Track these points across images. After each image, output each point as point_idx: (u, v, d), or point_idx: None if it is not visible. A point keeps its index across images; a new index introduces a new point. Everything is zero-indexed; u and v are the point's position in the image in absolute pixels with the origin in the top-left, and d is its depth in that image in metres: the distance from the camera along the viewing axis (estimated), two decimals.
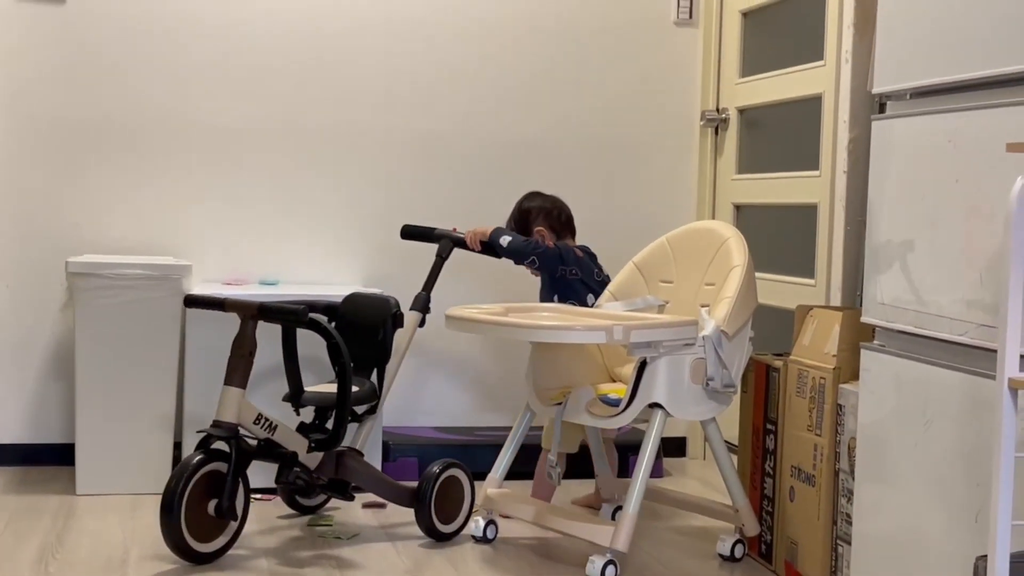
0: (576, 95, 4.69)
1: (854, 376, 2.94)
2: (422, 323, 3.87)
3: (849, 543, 2.88)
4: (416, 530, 3.50)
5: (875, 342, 2.76)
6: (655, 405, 3.15)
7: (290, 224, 4.48)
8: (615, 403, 3.28)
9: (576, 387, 3.34)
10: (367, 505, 3.84)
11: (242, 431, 3.22)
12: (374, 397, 3.60)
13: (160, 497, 3.10)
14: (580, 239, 4.18)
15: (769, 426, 3.32)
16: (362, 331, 3.62)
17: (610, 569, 3.04)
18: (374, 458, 3.98)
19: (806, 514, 3.12)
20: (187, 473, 3.10)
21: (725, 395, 3.25)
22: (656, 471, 4.35)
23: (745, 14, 4.58)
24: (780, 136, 4.39)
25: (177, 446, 4.00)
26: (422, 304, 3.86)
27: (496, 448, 3.53)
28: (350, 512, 3.74)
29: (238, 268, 4.40)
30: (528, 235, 3.86)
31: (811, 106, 3.99)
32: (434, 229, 4.01)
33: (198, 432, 3.22)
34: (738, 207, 4.59)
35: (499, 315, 3.20)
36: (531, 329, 3.09)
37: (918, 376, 2.55)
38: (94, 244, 4.29)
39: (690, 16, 4.75)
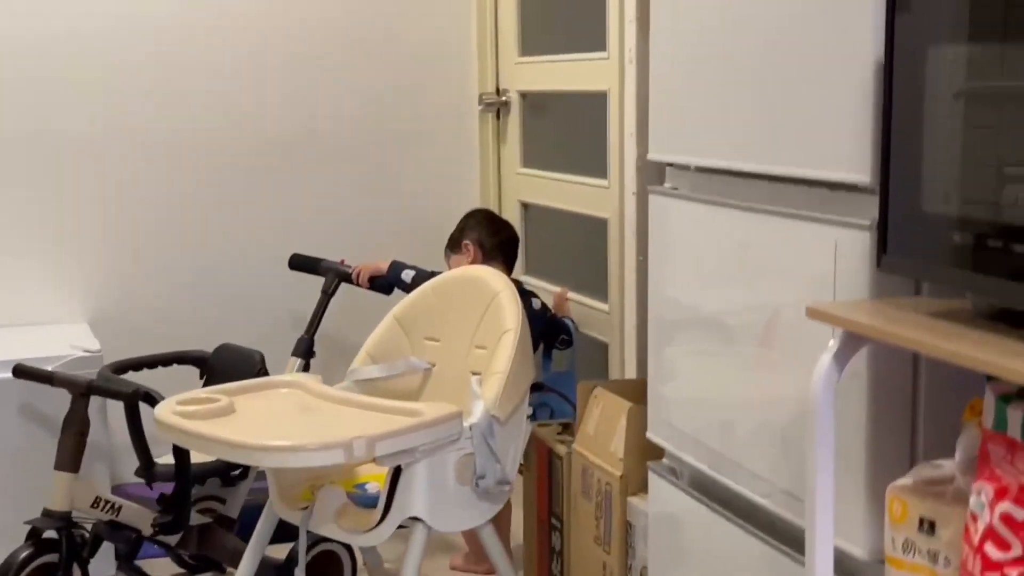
0: (338, 82, 4.03)
1: (644, 487, 2.44)
2: (306, 368, 3.50)
3: None
4: None
5: (664, 461, 2.26)
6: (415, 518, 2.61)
7: None
8: (372, 502, 2.73)
9: (325, 485, 2.78)
10: None
11: (78, 517, 3.00)
12: None
13: None
14: (351, 246, 3.80)
15: (555, 522, 2.81)
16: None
17: None
18: None
19: None
20: (13, 569, 2.91)
21: (499, 493, 2.72)
22: None
23: None
24: (568, 129, 3.84)
25: None
26: (304, 349, 3.50)
27: None
28: None
29: None
30: (458, 247, 3.44)
31: (597, 102, 3.43)
32: (321, 260, 3.61)
33: (25, 523, 2.96)
34: (525, 205, 4.04)
35: (214, 416, 2.60)
36: (251, 451, 2.49)
37: (714, 529, 2.06)
38: None
39: None
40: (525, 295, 3.33)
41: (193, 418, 2.61)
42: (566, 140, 3.84)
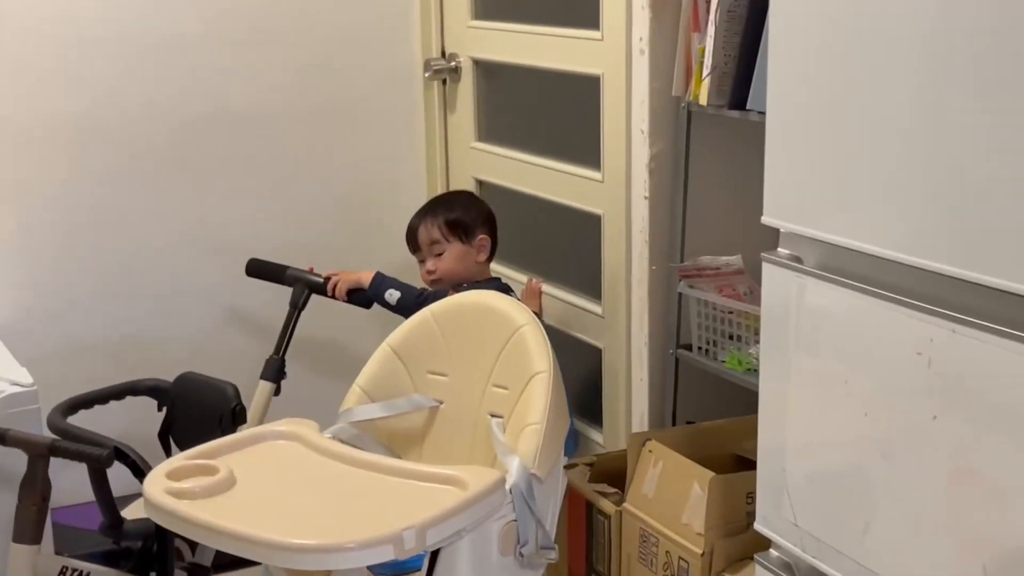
0: (259, 52, 3.56)
1: (730, 563, 2.22)
2: (277, 392, 3.17)
3: None
4: None
5: (773, 553, 2.03)
6: None
7: None
8: (394, 568, 2.44)
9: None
10: None
11: None
12: None
13: None
14: (286, 234, 3.58)
15: None
16: (200, 420, 2.86)
17: None
18: None
19: None
20: None
21: (542, 559, 2.46)
22: None
23: None
24: (534, 104, 3.51)
25: None
26: (275, 371, 3.16)
27: None
28: None
29: None
30: (472, 236, 3.12)
31: (585, 85, 3.10)
32: (286, 268, 3.24)
33: None
34: (481, 183, 3.70)
35: (215, 495, 2.24)
36: (279, 551, 2.14)
37: None
38: None
39: None
40: (504, 291, 3.03)
41: (190, 498, 2.26)
42: (532, 116, 3.51)
